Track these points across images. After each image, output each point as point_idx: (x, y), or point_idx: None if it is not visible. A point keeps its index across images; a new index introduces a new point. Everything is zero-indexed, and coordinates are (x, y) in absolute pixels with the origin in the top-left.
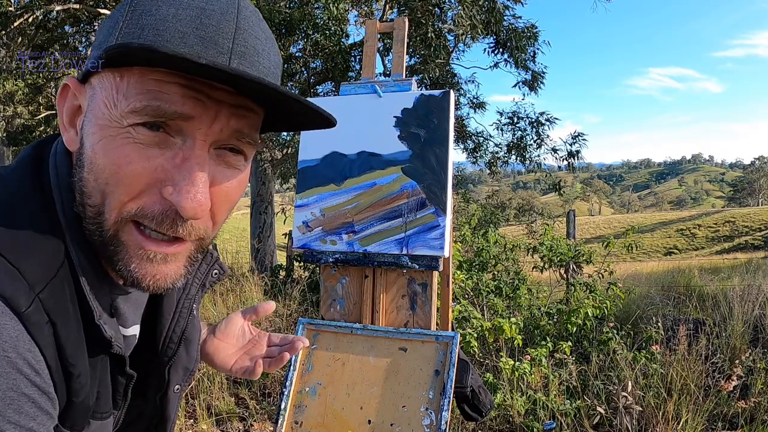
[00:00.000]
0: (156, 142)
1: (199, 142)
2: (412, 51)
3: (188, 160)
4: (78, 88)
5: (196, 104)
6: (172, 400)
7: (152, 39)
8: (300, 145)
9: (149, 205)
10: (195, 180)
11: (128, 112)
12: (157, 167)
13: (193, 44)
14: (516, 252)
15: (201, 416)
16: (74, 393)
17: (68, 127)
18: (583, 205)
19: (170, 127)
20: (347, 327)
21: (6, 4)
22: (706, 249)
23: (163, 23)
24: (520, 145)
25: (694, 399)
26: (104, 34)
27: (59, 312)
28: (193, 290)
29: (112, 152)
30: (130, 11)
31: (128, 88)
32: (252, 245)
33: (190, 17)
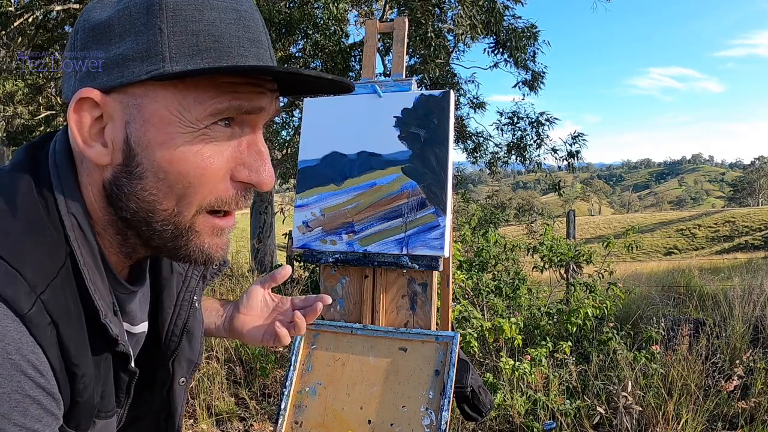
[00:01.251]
0: (228, 136)
1: (259, 127)
2: (412, 51)
3: (254, 144)
4: (103, 100)
5: (262, 97)
6: (178, 393)
7: (213, 46)
8: (300, 145)
9: (224, 192)
10: (265, 158)
11: (208, 115)
12: (228, 157)
13: (248, 47)
14: (516, 252)
15: (201, 416)
16: (78, 393)
17: (92, 141)
18: (583, 205)
19: (235, 121)
20: (347, 327)
21: (6, 4)
22: (706, 249)
23: (215, 28)
24: (520, 145)
25: (694, 399)
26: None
27: (61, 312)
28: (193, 283)
29: (192, 156)
30: (170, 17)
31: (198, 93)
32: (252, 245)
33: (234, 20)
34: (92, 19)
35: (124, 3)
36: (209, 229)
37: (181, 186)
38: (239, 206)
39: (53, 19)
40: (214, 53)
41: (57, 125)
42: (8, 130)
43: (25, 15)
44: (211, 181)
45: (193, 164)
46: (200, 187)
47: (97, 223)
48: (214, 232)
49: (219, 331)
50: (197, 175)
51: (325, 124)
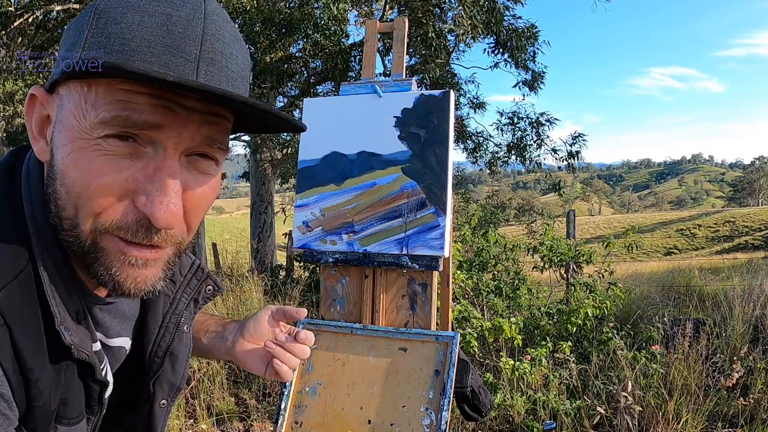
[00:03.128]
0: (127, 153)
1: (171, 151)
2: (412, 51)
3: (160, 170)
4: (45, 98)
5: (165, 113)
6: (158, 415)
7: (119, 48)
8: (300, 145)
9: (122, 216)
10: (167, 190)
11: (97, 123)
12: (128, 178)
13: (159, 53)
14: (516, 252)
15: (201, 416)
16: (33, 398)
17: (38, 137)
18: (583, 205)
19: (141, 138)
20: (347, 327)
21: (6, 4)
22: (706, 249)
23: (129, 31)
24: (520, 145)
25: (694, 399)
26: (70, 42)
27: (16, 315)
28: (181, 306)
29: (83, 165)
30: (95, 18)
31: (96, 98)
32: (252, 245)
33: (156, 24)
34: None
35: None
36: (116, 252)
37: (74, 194)
38: (137, 238)
39: (53, 19)
40: (115, 55)
41: None
42: (8, 130)
43: (25, 15)
44: (99, 197)
45: (81, 173)
46: (88, 200)
47: None
48: (124, 260)
49: (218, 353)
50: (83, 185)
51: (325, 124)
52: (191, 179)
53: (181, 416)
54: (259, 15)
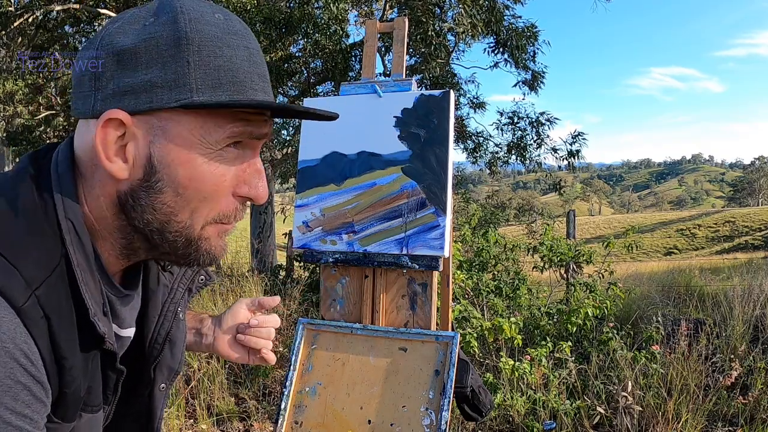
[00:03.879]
0: (235, 157)
1: (258, 149)
2: (413, 51)
3: (254, 164)
4: (129, 121)
5: (266, 125)
6: (158, 398)
7: (231, 80)
8: (300, 145)
9: (225, 207)
10: (262, 175)
11: (225, 138)
12: (234, 176)
13: (257, 82)
14: (516, 252)
15: (201, 416)
16: (66, 384)
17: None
18: (583, 205)
19: (242, 144)
20: (347, 327)
21: (6, 4)
22: (706, 249)
23: (232, 64)
24: (520, 145)
25: (693, 398)
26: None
27: (54, 308)
28: (178, 295)
29: (210, 174)
30: (195, 52)
31: (219, 120)
32: (252, 245)
33: (245, 57)
34: (116, 43)
35: (149, 33)
36: (219, 233)
37: (197, 200)
38: (238, 218)
39: (53, 19)
40: (233, 87)
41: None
42: (8, 130)
43: (25, 15)
44: (220, 196)
45: (209, 181)
46: (212, 201)
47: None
48: (220, 236)
49: (198, 348)
50: (212, 190)
51: (325, 124)
52: None
53: (181, 416)
54: (259, 14)
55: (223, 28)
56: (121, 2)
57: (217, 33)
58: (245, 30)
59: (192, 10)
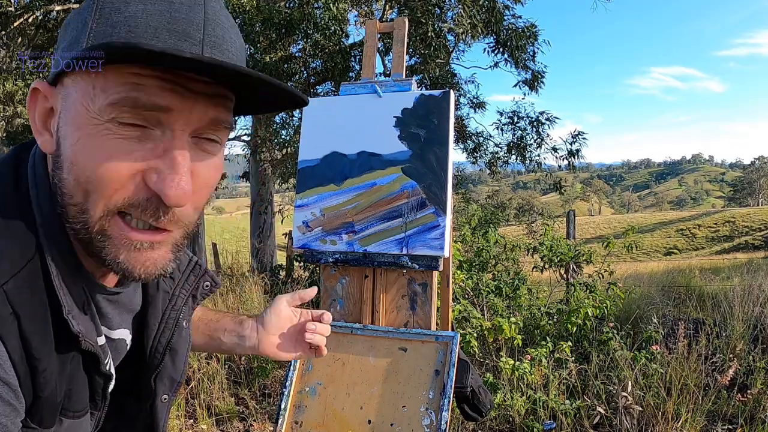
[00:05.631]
0: (136, 136)
1: (179, 132)
2: (412, 51)
3: (169, 150)
4: (49, 91)
5: (174, 96)
6: (160, 409)
7: (125, 36)
8: (300, 145)
9: (134, 194)
10: (178, 168)
11: (107, 105)
12: (138, 159)
13: (165, 38)
14: (516, 252)
15: (201, 416)
16: (40, 388)
17: (42, 130)
18: (583, 205)
19: (149, 121)
20: (347, 327)
21: (6, 4)
22: (706, 249)
23: (133, 20)
24: (520, 145)
25: (693, 398)
26: (73, 35)
27: (24, 305)
28: (180, 302)
29: (93, 149)
30: (97, 10)
31: (106, 83)
32: (252, 245)
33: (160, 11)
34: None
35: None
36: (121, 238)
37: (84, 179)
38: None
39: (53, 19)
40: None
41: None
42: (8, 130)
43: (25, 15)
44: (113, 180)
45: (91, 157)
46: (101, 183)
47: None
48: (129, 245)
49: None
50: (96, 169)
51: (325, 124)
52: (197, 160)
53: (181, 416)
54: (259, 15)
55: None
56: None
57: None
58: None
59: None
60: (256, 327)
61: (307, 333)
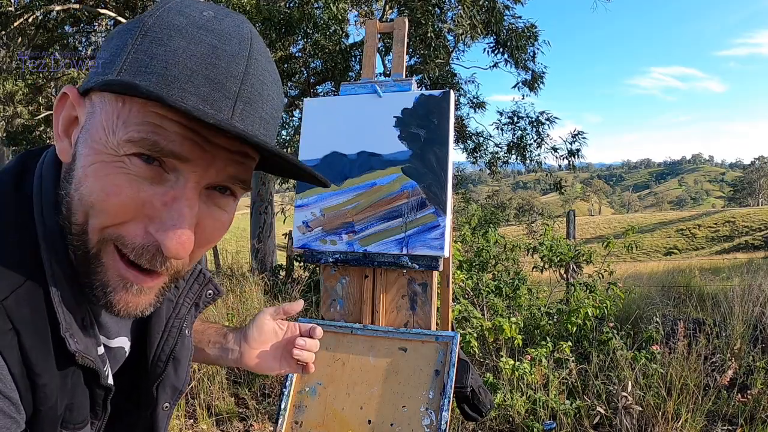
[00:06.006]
0: (149, 176)
1: (192, 183)
2: (412, 51)
3: (178, 200)
4: (77, 100)
5: (194, 147)
6: (161, 418)
7: (160, 71)
8: (300, 145)
9: (131, 236)
10: (182, 222)
11: (125, 141)
12: (145, 202)
13: (199, 84)
14: (516, 252)
15: (201, 416)
16: (40, 402)
17: (62, 136)
18: (583, 205)
19: (165, 164)
20: (347, 327)
21: (6, 4)
22: (706, 249)
23: (173, 56)
24: (520, 145)
25: (693, 398)
26: (111, 53)
27: (24, 320)
28: (184, 310)
29: (103, 179)
30: (141, 36)
31: (129, 116)
32: (252, 245)
33: (201, 54)
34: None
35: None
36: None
37: (87, 203)
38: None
39: (53, 19)
40: (156, 78)
41: None
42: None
43: (25, 15)
44: (112, 213)
45: (99, 185)
46: (100, 212)
47: None
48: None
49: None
50: (99, 198)
51: (325, 124)
52: (206, 214)
53: (181, 416)
54: (259, 15)
55: (195, 22)
56: (122, 2)
57: (181, 24)
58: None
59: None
60: (239, 340)
61: (296, 350)
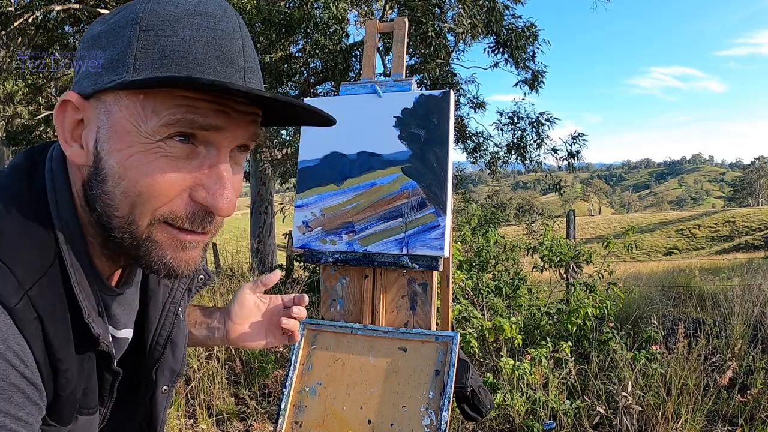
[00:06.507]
0: (186, 154)
1: (224, 149)
2: (412, 51)
3: (216, 166)
4: (82, 104)
5: (224, 117)
6: (160, 401)
7: (176, 60)
8: (300, 145)
9: (178, 209)
10: (225, 183)
11: (161, 126)
12: (186, 176)
13: (215, 65)
14: (516, 252)
15: (201, 416)
16: (61, 387)
17: (70, 141)
18: (583, 205)
19: (197, 139)
20: (347, 327)
21: (6, 4)
22: (706, 249)
23: (182, 44)
24: (520, 145)
25: (693, 398)
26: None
27: (47, 309)
28: (179, 295)
29: (145, 167)
30: (142, 31)
31: (156, 105)
32: (252, 245)
33: (206, 38)
34: (91, 31)
35: (115, 18)
36: (169, 241)
37: (133, 194)
38: (193, 226)
39: (53, 19)
40: (175, 67)
41: None
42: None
43: (25, 15)
44: (162, 194)
45: (144, 174)
46: (150, 198)
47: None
48: (176, 245)
49: (212, 342)
50: (147, 185)
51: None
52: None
53: (181, 416)
54: (259, 15)
55: (186, 9)
56: (122, 2)
57: (175, 13)
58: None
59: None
60: (224, 318)
61: (284, 318)
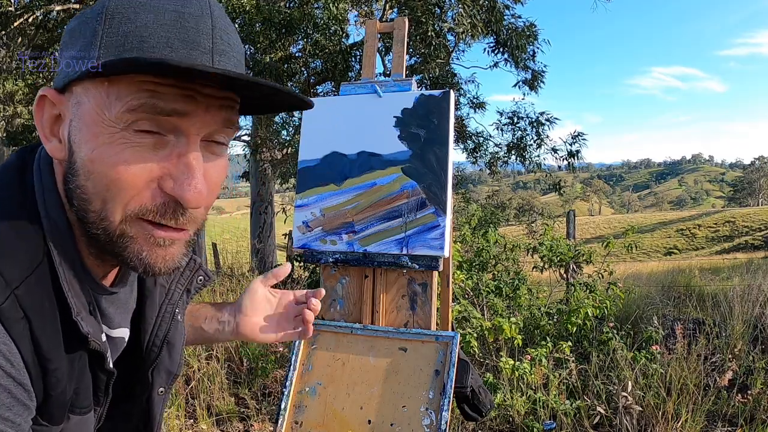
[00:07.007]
0: (152, 144)
1: (193, 137)
2: (412, 50)
3: (184, 155)
4: (56, 98)
5: (189, 101)
6: (157, 402)
7: (137, 45)
8: (300, 146)
9: (147, 201)
10: (193, 172)
11: (124, 112)
12: (153, 166)
13: (178, 48)
14: (516, 252)
15: (201, 416)
16: (51, 387)
17: (50, 137)
18: (583, 205)
19: (164, 127)
20: (347, 327)
21: (6, 4)
22: (706, 249)
23: (145, 29)
24: (520, 145)
25: (693, 398)
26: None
27: (35, 308)
28: (176, 296)
29: (110, 158)
30: (107, 19)
31: (119, 91)
32: (252, 245)
33: (170, 21)
34: (68, 27)
35: (87, 11)
36: (145, 236)
37: (102, 188)
38: (165, 219)
39: (53, 19)
40: (137, 52)
41: None
42: (8, 130)
43: (25, 15)
44: (129, 186)
45: (110, 166)
46: (119, 191)
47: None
48: (153, 242)
49: (224, 336)
50: (114, 178)
51: (325, 124)
52: (207, 162)
53: (181, 416)
54: (259, 15)
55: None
56: None
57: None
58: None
59: None
60: (234, 312)
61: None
